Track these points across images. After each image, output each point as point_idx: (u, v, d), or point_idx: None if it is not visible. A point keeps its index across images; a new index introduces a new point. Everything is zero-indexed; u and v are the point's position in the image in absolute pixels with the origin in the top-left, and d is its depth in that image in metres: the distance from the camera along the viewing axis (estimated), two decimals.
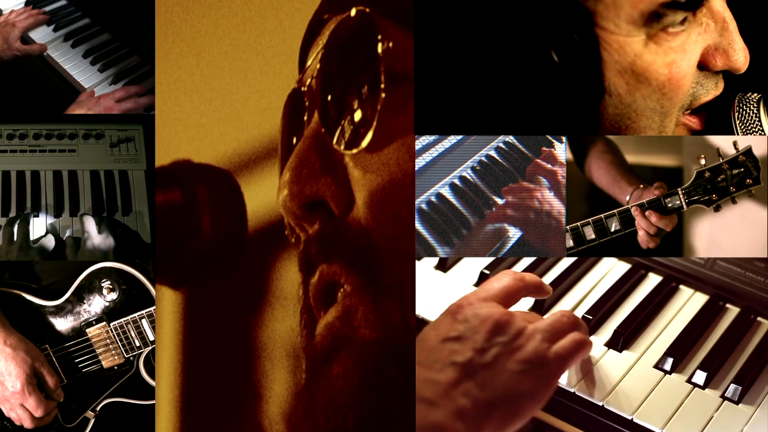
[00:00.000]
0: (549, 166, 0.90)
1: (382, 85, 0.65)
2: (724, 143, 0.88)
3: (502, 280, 0.84)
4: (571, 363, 0.79)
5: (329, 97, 0.69)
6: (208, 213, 0.77)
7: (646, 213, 0.88)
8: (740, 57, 0.83)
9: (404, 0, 0.70)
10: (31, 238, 1.16)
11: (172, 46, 1.29)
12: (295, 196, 0.67)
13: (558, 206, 0.89)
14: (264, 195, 1.19)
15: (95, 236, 1.15)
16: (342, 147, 0.67)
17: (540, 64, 0.81)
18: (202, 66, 1.30)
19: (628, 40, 0.80)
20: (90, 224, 1.16)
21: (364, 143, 0.66)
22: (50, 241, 1.16)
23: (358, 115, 0.67)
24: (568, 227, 0.90)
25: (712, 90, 0.86)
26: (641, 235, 0.89)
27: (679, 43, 0.81)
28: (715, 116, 0.89)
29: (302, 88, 0.75)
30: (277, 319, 1.31)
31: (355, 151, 0.66)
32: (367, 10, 0.67)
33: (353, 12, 0.67)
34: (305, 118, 0.73)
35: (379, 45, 0.65)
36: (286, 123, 0.79)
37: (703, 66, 0.84)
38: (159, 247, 0.77)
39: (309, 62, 0.75)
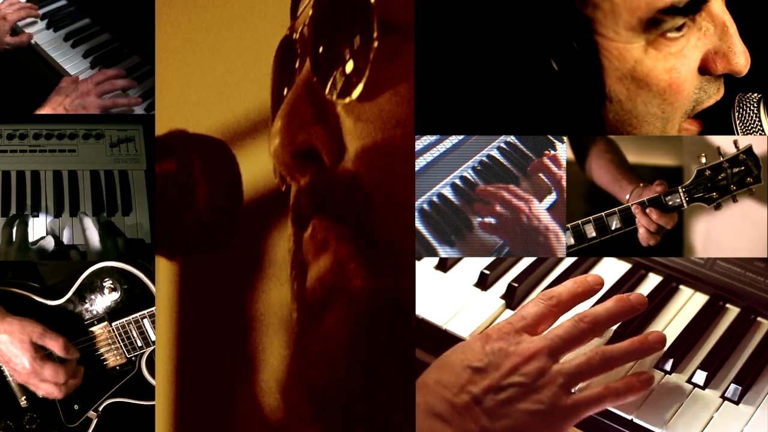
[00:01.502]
0: (554, 168, 0.90)
1: (375, 34, 0.64)
2: (724, 143, 0.88)
3: (536, 306, 0.85)
4: (587, 413, 0.80)
5: (321, 45, 0.67)
6: (203, 183, 0.76)
7: (647, 210, 0.88)
8: (741, 60, 0.83)
9: None
10: (30, 239, 1.16)
11: (172, 46, 1.29)
12: (286, 144, 0.66)
13: (546, 220, 0.89)
14: (260, 165, 1.19)
15: (96, 240, 1.15)
16: (334, 96, 0.66)
17: (540, 72, 0.81)
18: (202, 66, 1.30)
19: (628, 46, 0.80)
20: (90, 227, 1.16)
21: (356, 92, 0.64)
22: (50, 243, 1.16)
23: (350, 65, 0.65)
24: (569, 225, 0.90)
25: (714, 95, 0.85)
26: (642, 233, 0.89)
27: (678, 48, 0.81)
28: (715, 116, 0.89)
29: (294, 36, 0.73)
30: (273, 290, 1.30)
31: (347, 100, 0.65)
32: None
33: None
34: (296, 66, 0.72)
35: None
36: (276, 71, 0.77)
37: (703, 70, 0.83)
38: (159, 216, 0.76)
39: (301, 9, 0.74)
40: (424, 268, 1.07)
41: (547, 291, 0.88)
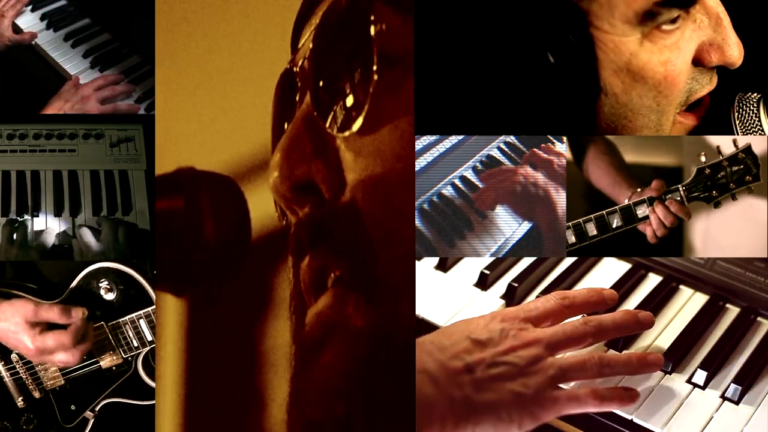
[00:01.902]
0: (545, 155, 0.90)
1: (375, 68, 0.64)
2: (723, 142, 0.88)
3: (548, 302, 0.87)
4: (567, 411, 0.81)
5: (321, 79, 0.68)
6: (210, 220, 0.76)
7: (667, 202, 0.88)
8: (735, 52, 0.83)
9: None
10: (28, 238, 1.16)
11: (172, 46, 1.29)
12: (285, 178, 0.66)
13: (542, 180, 0.89)
14: (269, 201, 1.19)
15: (94, 246, 1.15)
16: (334, 130, 0.66)
17: (536, 65, 0.81)
18: (203, 66, 1.30)
19: (623, 39, 0.80)
20: (88, 237, 1.16)
21: (356, 126, 0.65)
22: (50, 236, 1.16)
23: (350, 99, 0.66)
24: (570, 223, 0.90)
25: (706, 85, 0.86)
26: (655, 226, 0.89)
27: (673, 40, 0.81)
28: (715, 116, 0.89)
29: (294, 69, 0.74)
30: (280, 327, 1.31)
31: (347, 133, 0.65)
32: None
33: None
34: (297, 99, 0.72)
35: (372, 27, 0.64)
36: (277, 104, 0.78)
37: (698, 62, 0.84)
38: (160, 253, 0.77)
39: (302, 42, 0.74)
40: (424, 268, 1.07)
41: (562, 291, 0.90)
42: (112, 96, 1.32)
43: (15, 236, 1.17)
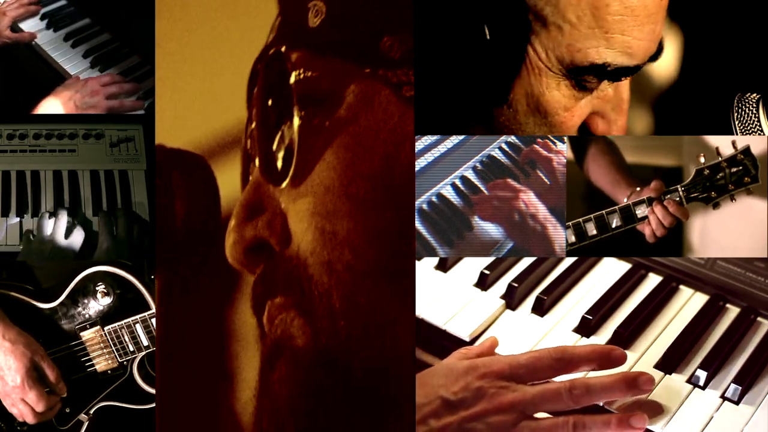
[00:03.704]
0: (545, 152, 0.90)
1: (299, 113, 0.70)
2: (722, 144, 0.88)
3: (541, 360, 0.83)
4: None
5: (263, 140, 0.74)
6: (181, 198, 0.79)
7: (666, 202, 0.88)
8: (615, 134, 0.88)
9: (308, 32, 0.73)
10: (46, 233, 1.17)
11: (172, 46, 1.29)
12: (237, 241, 0.73)
13: (543, 212, 0.89)
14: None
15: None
16: (274, 186, 0.73)
17: (472, 39, 0.82)
18: (203, 65, 1.30)
19: (549, 72, 0.82)
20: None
21: (289, 176, 0.71)
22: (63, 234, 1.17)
23: (282, 151, 0.72)
24: (569, 223, 0.90)
25: None
26: (654, 226, 0.89)
27: (582, 97, 0.84)
28: (714, 116, 0.90)
29: (247, 143, 0.79)
30: (248, 304, 1.31)
31: (283, 185, 0.72)
32: (282, 49, 0.72)
33: (273, 50, 0.72)
34: (251, 167, 0.78)
35: (292, 75, 0.70)
36: (243, 172, 0.83)
37: (585, 124, 0.88)
38: (159, 248, 0.79)
39: (251, 109, 0.79)
40: (424, 268, 1.07)
41: (561, 347, 0.86)
42: (119, 92, 1.32)
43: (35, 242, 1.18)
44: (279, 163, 0.72)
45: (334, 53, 0.72)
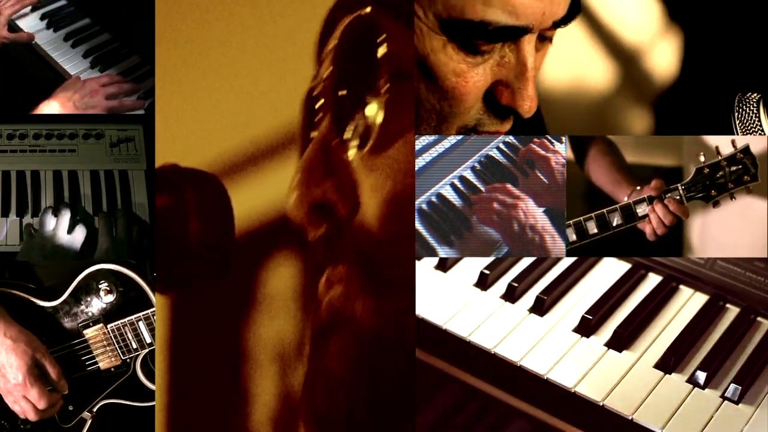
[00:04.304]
0: (542, 152, 0.90)
1: (387, 86, 0.67)
2: (722, 143, 0.88)
3: None
4: None
5: (338, 101, 0.71)
6: (195, 217, 0.78)
7: (666, 201, 0.88)
8: (525, 105, 0.81)
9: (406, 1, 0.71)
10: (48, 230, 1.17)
11: (172, 46, 1.29)
12: (302, 199, 0.71)
13: (542, 220, 0.89)
14: (253, 199, 1.19)
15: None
16: (349, 151, 0.70)
17: None
18: (203, 66, 1.30)
19: (431, 33, 0.78)
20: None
21: (369, 146, 0.69)
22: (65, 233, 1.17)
23: (363, 120, 0.70)
24: (570, 221, 0.90)
25: (494, 125, 0.84)
26: (654, 225, 0.89)
27: (476, 62, 0.79)
28: (715, 116, 0.90)
29: (316, 89, 0.76)
30: (264, 323, 1.31)
31: (360, 153, 0.69)
32: (368, 10, 0.69)
33: (362, 12, 0.70)
34: (316, 120, 0.76)
35: (382, 47, 0.68)
36: (304, 123, 0.81)
37: (492, 94, 0.82)
38: (160, 251, 0.79)
39: (324, 62, 0.77)
40: (424, 268, 1.07)
41: None
42: (119, 92, 1.32)
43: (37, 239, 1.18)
44: (360, 130, 0.70)
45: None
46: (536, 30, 0.77)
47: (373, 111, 0.70)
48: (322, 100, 0.75)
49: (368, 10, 0.70)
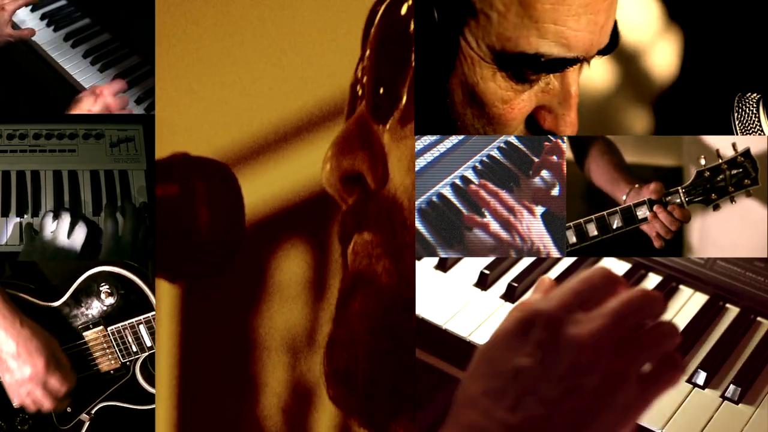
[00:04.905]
0: (555, 158, 0.90)
1: (414, 63, 0.71)
2: (722, 145, 0.88)
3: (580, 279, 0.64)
4: None
5: (376, 86, 0.74)
6: (205, 206, 0.79)
7: (669, 208, 0.88)
8: (567, 131, 0.83)
9: None
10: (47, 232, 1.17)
11: (172, 46, 1.29)
12: (334, 169, 0.73)
13: (545, 240, 0.89)
14: (263, 188, 1.19)
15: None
16: (381, 123, 0.73)
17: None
18: (202, 65, 1.30)
19: (482, 62, 0.80)
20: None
21: (397, 114, 0.72)
22: (66, 234, 1.17)
23: (400, 98, 0.73)
24: (570, 224, 0.90)
25: None
26: (662, 233, 0.89)
27: (521, 89, 0.81)
28: (715, 116, 0.90)
29: (357, 76, 0.79)
30: (275, 313, 1.31)
31: (388, 125, 0.72)
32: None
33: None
34: (357, 103, 0.78)
35: (411, 23, 0.72)
36: (348, 109, 0.83)
37: (533, 119, 0.84)
38: (159, 240, 0.79)
39: (365, 53, 0.79)
40: (424, 268, 1.07)
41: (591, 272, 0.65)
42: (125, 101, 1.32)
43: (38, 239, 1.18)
44: (391, 107, 0.73)
45: None
46: (585, 60, 0.80)
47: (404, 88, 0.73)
48: (361, 88, 0.78)
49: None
